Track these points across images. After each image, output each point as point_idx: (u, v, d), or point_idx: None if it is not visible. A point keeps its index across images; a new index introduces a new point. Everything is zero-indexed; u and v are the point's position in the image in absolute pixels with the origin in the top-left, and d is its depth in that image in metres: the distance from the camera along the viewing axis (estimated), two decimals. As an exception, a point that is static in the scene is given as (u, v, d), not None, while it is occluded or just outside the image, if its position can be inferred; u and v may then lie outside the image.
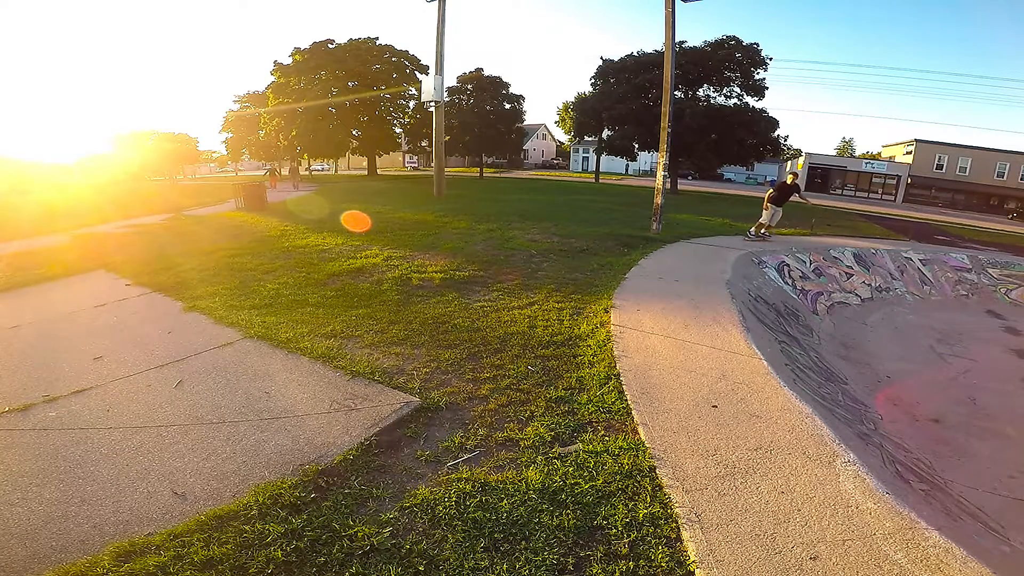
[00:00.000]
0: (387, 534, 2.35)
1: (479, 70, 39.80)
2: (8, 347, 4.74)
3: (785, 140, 30.22)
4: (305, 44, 40.02)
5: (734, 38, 28.84)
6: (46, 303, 6.10)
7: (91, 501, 2.59)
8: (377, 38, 39.99)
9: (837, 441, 3.13)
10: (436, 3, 17.17)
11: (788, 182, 9.51)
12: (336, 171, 59.83)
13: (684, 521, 2.43)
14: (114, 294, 6.38)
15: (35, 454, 3.00)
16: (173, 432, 3.23)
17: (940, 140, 45.83)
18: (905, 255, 11.74)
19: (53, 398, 3.66)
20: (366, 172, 46.12)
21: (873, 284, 10.50)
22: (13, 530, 2.39)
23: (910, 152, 47.18)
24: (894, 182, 47.17)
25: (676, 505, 2.54)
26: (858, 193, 47.92)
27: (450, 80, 39.47)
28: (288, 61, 40.21)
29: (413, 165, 67.09)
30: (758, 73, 29.16)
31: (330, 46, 39.27)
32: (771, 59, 29.05)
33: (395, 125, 43.46)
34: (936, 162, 45.44)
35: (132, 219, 13.63)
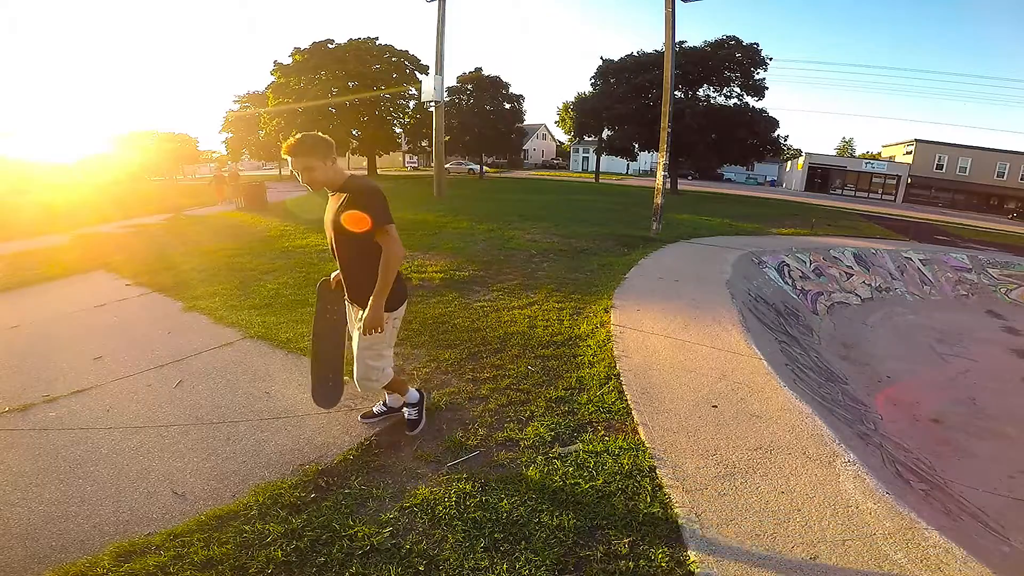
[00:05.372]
0: (387, 534, 2.35)
1: (479, 70, 39.81)
2: (8, 347, 4.74)
3: (785, 140, 30.27)
4: (305, 44, 40.03)
5: (734, 38, 28.87)
6: (46, 303, 6.10)
7: (91, 501, 2.59)
8: (377, 38, 39.99)
9: (837, 441, 3.13)
10: (436, 3, 17.17)
11: None
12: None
13: (684, 521, 2.43)
14: (114, 294, 6.38)
15: (35, 454, 2.99)
16: (173, 432, 3.23)
17: (940, 140, 45.86)
18: (905, 255, 11.74)
19: (53, 398, 3.65)
20: (366, 172, 46.12)
21: (873, 284, 10.51)
22: (13, 530, 2.38)
23: (910, 152, 47.22)
24: (894, 182, 47.21)
25: (676, 505, 2.54)
26: (858, 193, 47.96)
27: (450, 80, 39.47)
28: (288, 61, 40.19)
29: (413, 165, 67.05)
30: (758, 73, 29.20)
31: (330, 46, 39.24)
32: (771, 59, 29.10)
33: (395, 125, 43.46)
34: (936, 162, 45.46)
35: (132, 219, 13.62)
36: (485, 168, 47.02)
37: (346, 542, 2.29)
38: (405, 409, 3.27)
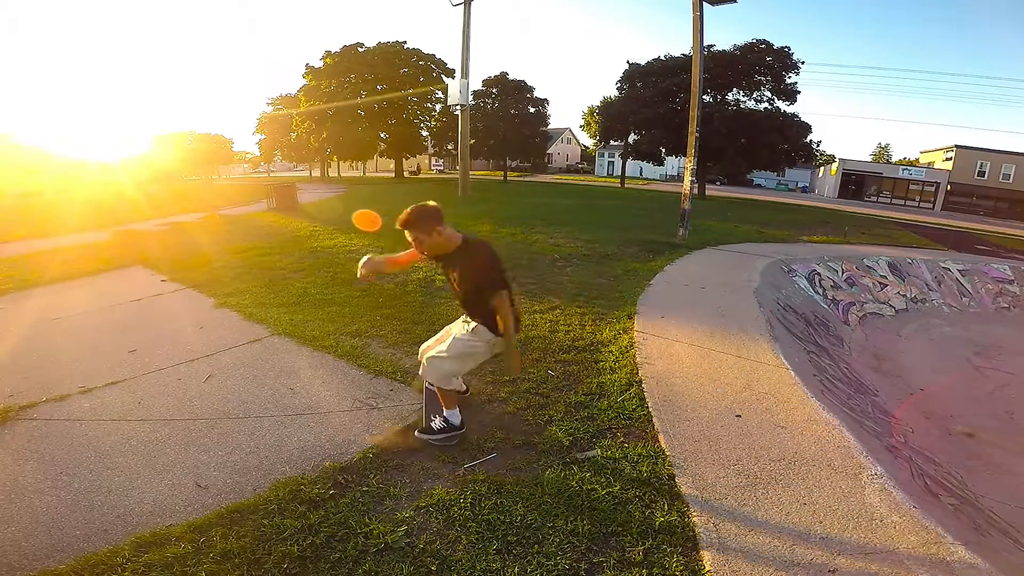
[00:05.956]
0: (401, 533, 2.37)
1: (504, 74, 40.02)
2: (50, 339, 4.94)
3: (818, 145, 29.62)
4: (336, 48, 40.85)
5: (764, 41, 28.38)
6: (87, 296, 6.34)
7: (117, 491, 2.67)
8: (405, 42, 40.59)
9: (864, 453, 3.04)
10: (462, 7, 17.32)
11: None
12: (364, 173, 60.72)
13: (701, 531, 2.39)
14: (150, 289, 6.60)
15: (68, 444, 3.10)
16: (200, 425, 3.32)
17: (982, 146, 44.19)
18: (943, 265, 11.32)
19: (88, 389, 3.79)
20: (393, 175, 46.74)
21: (908, 295, 10.16)
22: (40, 518, 2.46)
23: (950, 158, 45.59)
24: (932, 189, 45.66)
25: (694, 514, 2.50)
26: (894, 200, 46.52)
27: (475, 84, 39.74)
28: (319, 64, 41.05)
29: (439, 168, 67.68)
30: (789, 77, 28.64)
31: (360, 50, 39.97)
32: (803, 63, 28.49)
33: (422, 128, 43.97)
34: (978, 169, 43.81)
35: (169, 217, 14.09)
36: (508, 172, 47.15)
37: (361, 539, 2.32)
38: (436, 419, 3.11)
